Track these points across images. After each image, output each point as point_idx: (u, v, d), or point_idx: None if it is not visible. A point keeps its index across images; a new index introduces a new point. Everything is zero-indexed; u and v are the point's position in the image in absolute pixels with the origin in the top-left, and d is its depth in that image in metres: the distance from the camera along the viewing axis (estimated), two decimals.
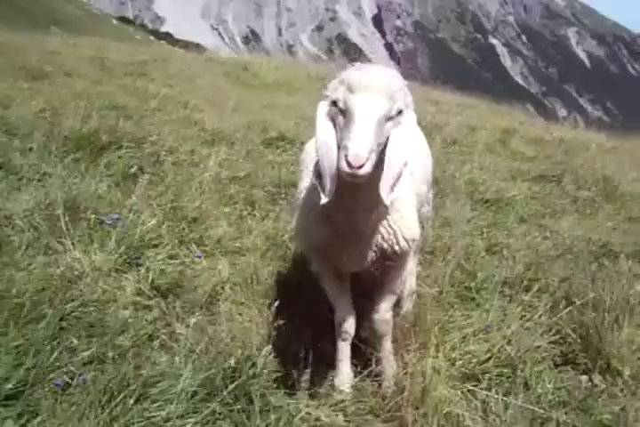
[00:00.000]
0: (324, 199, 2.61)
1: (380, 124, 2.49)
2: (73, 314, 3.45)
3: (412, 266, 4.12)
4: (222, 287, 4.00)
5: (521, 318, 3.99)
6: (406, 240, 3.03)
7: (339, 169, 2.46)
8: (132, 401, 2.74)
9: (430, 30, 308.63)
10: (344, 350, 3.33)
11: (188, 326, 3.51)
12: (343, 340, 3.31)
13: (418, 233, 3.12)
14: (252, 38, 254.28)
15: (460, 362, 3.46)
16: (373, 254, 3.05)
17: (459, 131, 10.00)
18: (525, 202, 6.45)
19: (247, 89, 15.97)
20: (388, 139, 2.60)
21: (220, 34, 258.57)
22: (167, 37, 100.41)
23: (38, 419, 2.66)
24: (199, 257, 4.19)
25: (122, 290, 3.79)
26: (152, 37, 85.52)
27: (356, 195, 2.72)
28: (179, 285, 3.90)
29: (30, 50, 13.99)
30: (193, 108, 9.30)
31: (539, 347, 3.69)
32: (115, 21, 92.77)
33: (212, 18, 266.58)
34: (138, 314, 3.65)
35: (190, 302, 3.81)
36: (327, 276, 3.26)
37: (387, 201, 2.65)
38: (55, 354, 3.01)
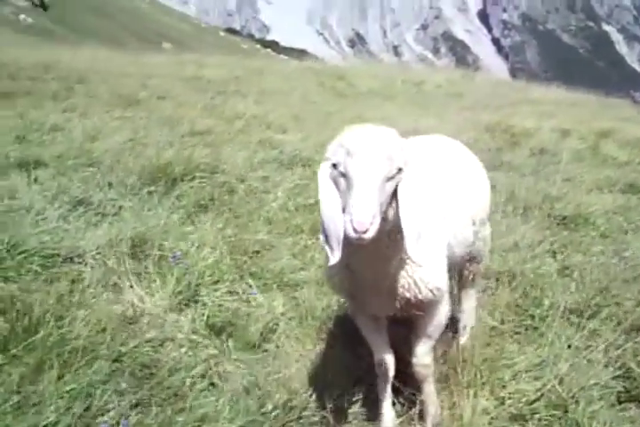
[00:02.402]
0: (331, 261, 2.62)
1: (381, 186, 2.50)
2: (128, 355, 3.58)
3: (470, 301, 4.06)
4: (276, 324, 4.06)
5: (586, 348, 3.85)
6: (430, 290, 2.99)
7: (345, 233, 2.47)
8: None
9: (538, 22, 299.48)
10: (385, 390, 3.31)
11: (238, 366, 3.59)
12: (383, 381, 3.30)
13: (443, 281, 3.05)
14: (357, 41, 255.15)
15: (510, 401, 3.36)
16: (398, 303, 3.02)
17: (549, 137, 9.68)
18: (607, 217, 6.15)
19: (341, 99, 16.10)
20: (391, 196, 2.62)
21: (325, 39, 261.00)
22: (273, 45, 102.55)
23: None
24: (254, 294, 4.28)
25: (178, 329, 3.90)
26: (258, 46, 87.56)
27: (366, 252, 2.71)
28: (232, 323, 3.99)
29: (130, 74, 14.67)
30: (277, 129, 9.48)
31: (596, 384, 3.52)
32: (222, 33, 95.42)
33: (317, 23, 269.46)
34: (192, 353, 3.76)
35: (244, 339, 3.88)
36: (361, 318, 3.26)
37: (416, 259, 2.68)
38: (105, 397, 3.15)
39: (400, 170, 2.61)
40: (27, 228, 4.75)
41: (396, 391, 3.37)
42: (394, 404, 3.39)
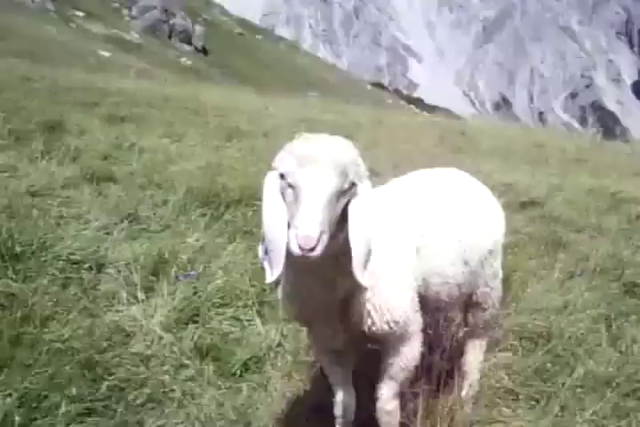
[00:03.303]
0: (268, 279, 2.41)
1: (331, 200, 2.29)
2: (103, 364, 3.49)
3: (475, 353, 3.70)
4: (265, 354, 3.85)
5: None
6: (386, 322, 2.70)
7: (289, 250, 2.26)
8: None
9: None
10: None
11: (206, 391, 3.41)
12: (341, 423, 3.01)
13: (403, 315, 2.75)
14: (502, 105, 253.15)
15: None
16: (351, 335, 2.76)
17: None
18: None
19: (455, 154, 15.78)
20: (342, 213, 2.39)
21: (471, 100, 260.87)
22: (417, 102, 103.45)
23: None
24: (250, 320, 4.11)
25: (164, 347, 3.78)
26: (403, 102, 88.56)
27: (310, 273, 2.51)
28: (219, 347, 3.82)
29: (253, 111, 15.07)
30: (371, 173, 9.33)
31: None
32: (369, 87, 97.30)
33: (465, 84, 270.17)
34: (173, 372, 3.62)
35: (227, 365, 3.71)
36: (318, 353, 3.01)
37: (363, 281, 2.44)
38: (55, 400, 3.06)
39: (353, 185, 2.40)
40: (64, 234, 4.85)
41: None
42: None
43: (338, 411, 3.01)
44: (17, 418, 2.88)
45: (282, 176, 2.38)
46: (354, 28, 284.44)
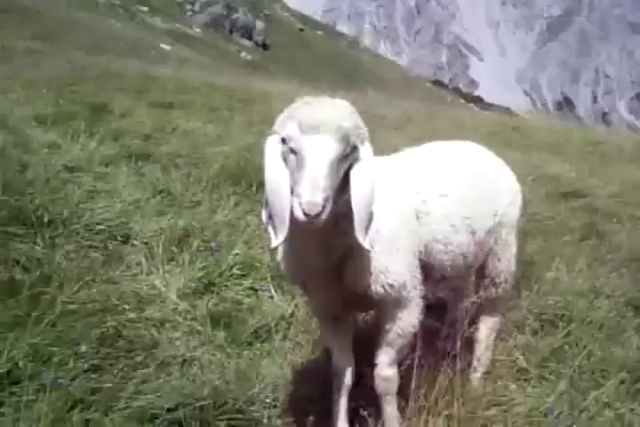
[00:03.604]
0: (274, 243, 2.42)
1: (334, 166, 2.28)
2: (115, 326, 3.57)
3: (488, 330, 3.66)
4: (278, 324, 3.88)
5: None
6: (382, 285, 2.69)
7: (293, 216, 2.27)
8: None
9: None
10: (339, 403, 3.01)
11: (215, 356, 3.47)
12: (338, 391, 3.01)
13: (400, 279, 2.73)
14: (564, 105, 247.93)
15: None
16: (347, 298, 2.76)
17: None
18: None
19: (508, 149, 15.48)
20: (344, 177, 2.39)
21: (532, 99, 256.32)
22: (477, 101, 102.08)
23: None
24: (264, 289, 4.15)
25: (179, 313, 3.85)
26: (462, 100, 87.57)
27: (308, 236, 2.50)
28: (231, 315, 3.87)
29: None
30: None
31: None
32: (428, 84, 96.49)
33: (527, 83, 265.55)
34: (186, 338, 3.69)
35: (238, 333, 3.75)
36: (316, 316, 3.02)
37: (365, 244, 2.44)
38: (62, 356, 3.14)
39: (355, 148, 2.40)
40: (94, 206, 4.97)
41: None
42: (352, 422, 3.07)
43: (334, 376, 3.02)
44: (28, 368, 2.97)
45: (283, 141, 2.38)
46: (415, 25, 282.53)
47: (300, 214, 2.21)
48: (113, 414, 2.80)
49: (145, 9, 53.14)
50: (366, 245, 2.46)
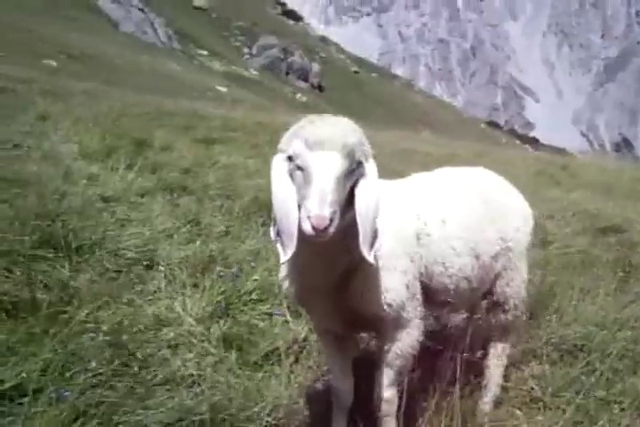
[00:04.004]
0: (283, 258, 2.49)
1: (340, 181, 2.37)
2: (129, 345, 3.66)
3: (497, 357, 3.64)
4: (290, 347, 3.92)
5: None
6: (380, 304, 2.72)
7: (302, 231, 2.35)
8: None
9: None
10: (338, 420, 3.03)
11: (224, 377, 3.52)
12: (338, 411, 3.03)
13: (398, 299, 2.76)
14: (622, 145, 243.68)
15: None
16: (348, 316, 2.79)
17: None
18: None
19: (553, 187, 15.35)
20: (349, 193, 2.47)
21: (589, 140, 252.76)
22: (532, 142, 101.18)
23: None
24: (278, 314, 4.20)
25: (194, 336, 3.93)
26: (517, 142, 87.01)
27: (312, 251, 2.55)
28: (243, 337, 3.93)
29: None
30: None
31: None
32: (483, 125, 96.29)
33: (584, 124, 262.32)
34: (197, 359, 3.75)
35: (249, 355, 3.81)
36: (319, 333, 3.06)
37: (370, 259, 2.49)
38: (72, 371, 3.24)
39: (360, 164, 2.48)
40: (124, 233, 5.13)
41: None
42: None
43: (334, 396, 3.04)
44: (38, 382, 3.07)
45: (290, 159, 2.48)
46: (470, 67, 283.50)
47: (308, 228, 2.28)
48: None
49: (204, 53, 54.75)
50: (371, 259, 2.50)
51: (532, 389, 3.84)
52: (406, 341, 2.89)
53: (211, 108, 17.35)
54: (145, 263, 4.81)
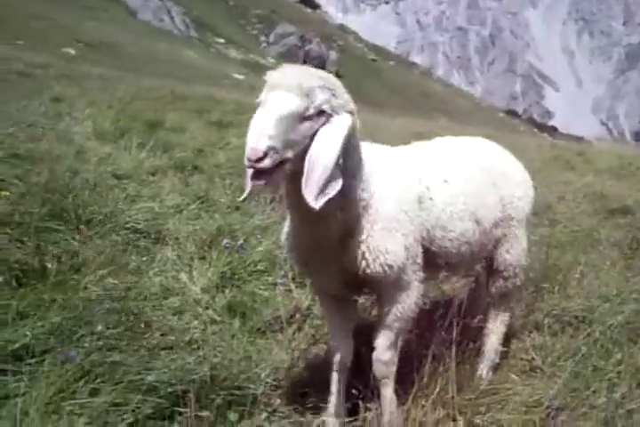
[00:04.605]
0: (240, 197, 2.62)
1: (290, 121, 2.37)
2: (134, 312, 3.74)
3: (497, 324, 3.69)
4: (292, 315, 3.99)
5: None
6: (380, 264, 2.77)
7: (295, 196, 2.45)
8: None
9: None
10: (336, 383, 3.09)
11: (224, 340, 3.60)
12: (335, 372, 3.09)
13: (398, 258, 2.80)
14: None
15: None
16: (347, 277, 2.84)
17: None
18: None
19: (568, 172, 15.28)
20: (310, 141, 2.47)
21: (609, 129, 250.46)
22: (550, 131, 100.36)
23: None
24: (282, 283, 4.27)
25: (198, 303, 4.01)
26: (535, 130, 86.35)
27: (304, 210, 2.55)
28: (247, 305, 4.01)
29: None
30: None
31: None
32: (501, 114, 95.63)
33: (603, 113, 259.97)
34: (203, 326, 3.83)
35: (253, 322, 3.88)
36: (319, 296, 3.12)
37: (314, 204, 2.43)
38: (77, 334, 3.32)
39: (322, 113, 2.48)
40: (134, 207, 5.22)
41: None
42: (351, 404, 3.13)
43: (332, 357, 3.10)
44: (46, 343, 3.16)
45: (259, 105, 2.51)
46: (489, 55, 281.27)
47: (245, 160, 2.34)
48: (116, 386, 2.94)
49: (221, 41, 54.76)
50: (314, 204, 2.44)
51: (533, 358, 3.89)
52: (406, 303, 2.93)
53: (225, 93, 17.44)
54: (153, 236, 4.88)
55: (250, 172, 2.41)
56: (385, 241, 2.78)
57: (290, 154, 2.39)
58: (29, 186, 4.99)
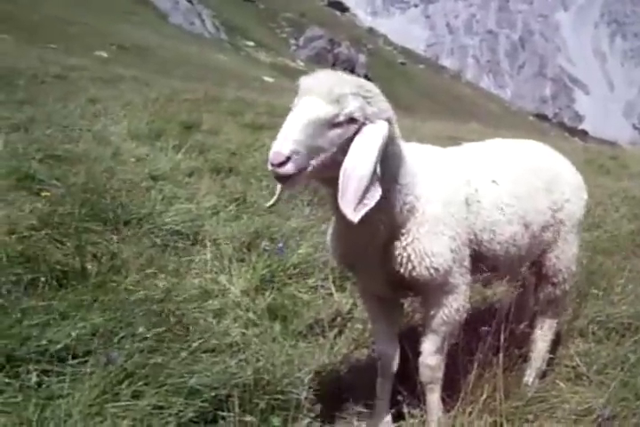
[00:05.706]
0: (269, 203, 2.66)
1: (318, 127, 2.33)
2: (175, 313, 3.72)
3: (545, 331, 3.62)
4: (333, 319, 3.95)
5: None
6: (426, 268, 2.71)
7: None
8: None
9: None
10: (382, 388, 3.04)
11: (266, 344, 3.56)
12: (382, 376, 3.04)
13: (444, 263, 2.75)
14: None
15: None
16: (392, 280, 2.79)
17: None
18: None
19: (602, 176, 15.08)
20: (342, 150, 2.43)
21: None
22: (581, 134, 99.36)
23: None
24: (324, 287, 4.24)
25: (238, 306, 3.98)
26: (566, 134, 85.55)
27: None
28: (288, 309, 3.97)
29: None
30: None
31: None
32: (531, 118, 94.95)
33: (635, 117, 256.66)
34: (244, 329, 3.80)
35: (293, 325, 3.85)
36: (364, 298, 3.07)
37: (352, 217, 2.40)
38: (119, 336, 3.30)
39: (354, 120, 2.42)
40: (172, 209, 5.21)
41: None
42: (398, 409, 3.08)
43: (378, 361, 3.05)
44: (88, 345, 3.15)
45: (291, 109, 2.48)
46: (519, 59, 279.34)
47: (268, 165, 2.33)
48: (159, 389, 2.92)
49: (251, 44, 55.02)
50: (353, 217, 2.41)
51: (578, 365, 3.80)
52: (453, 307, 2.88)
53: (256, 95, 17.45)
54: (191, 238, 4.87)
55: (269, 170, 2.35)
56: (431, 244, 2.73)
57: (315, 160, 2.35)
58: (68, 187, 5.01)
